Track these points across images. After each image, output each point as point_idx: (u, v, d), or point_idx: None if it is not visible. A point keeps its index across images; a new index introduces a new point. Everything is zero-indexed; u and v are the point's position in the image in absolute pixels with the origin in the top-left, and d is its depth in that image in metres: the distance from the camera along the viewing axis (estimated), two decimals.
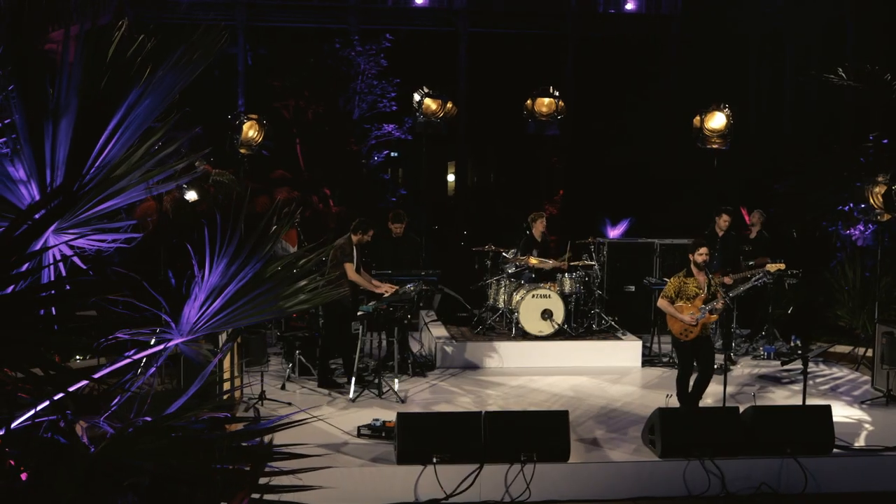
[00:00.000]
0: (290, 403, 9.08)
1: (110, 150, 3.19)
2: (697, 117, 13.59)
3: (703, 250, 8.60)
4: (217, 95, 18.15)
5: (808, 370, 11.22)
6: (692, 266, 8.69)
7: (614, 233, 18.46)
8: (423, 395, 9.70)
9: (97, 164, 3.19)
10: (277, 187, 17.24)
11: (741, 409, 7.97)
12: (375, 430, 8.06)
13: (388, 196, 18.50)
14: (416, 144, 18.43)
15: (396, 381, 9.68)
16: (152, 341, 3.81)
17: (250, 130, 12.58)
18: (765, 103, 19.85)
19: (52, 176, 3.14)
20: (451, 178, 22.68)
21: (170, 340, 3.84)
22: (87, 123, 3.09)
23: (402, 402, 9.30)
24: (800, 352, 12.06)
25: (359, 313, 9.48)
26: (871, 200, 11.98)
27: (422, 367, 10.73)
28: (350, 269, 9.72)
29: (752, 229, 12.99)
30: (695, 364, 8.74)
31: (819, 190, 15.47)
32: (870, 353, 11.58)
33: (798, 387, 10.20)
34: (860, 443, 8.17)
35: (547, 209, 18.78)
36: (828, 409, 7.85)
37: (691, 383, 8.76)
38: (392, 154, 18.32)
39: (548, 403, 9.42)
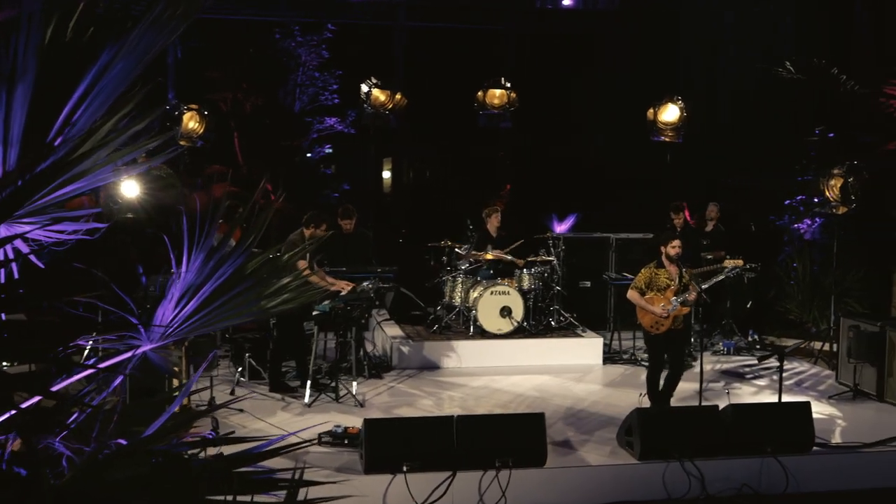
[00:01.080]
0: (241, 410, 8.52)
1: (75, 124, 2.68)
2: (651, 110, 13.41)
3: (676, 243, 8.33)
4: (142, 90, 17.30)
5: (769, 365, 11.14)
6: (663, 258, 8.42)
7: (561, 228, 18.21)
8: (382, 398, 9.24)
9: (59, 140, 2.68)
10: (214, 183, 16.54)
11: (720, 408, 7.70)
12: (338, 438, 7.58)
13: (329, 192, 17.93)
14: (359, 138, 17.95)
15: (354, 384, 9.18)
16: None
17: (191, 122, 11.95)
18: (710, 97, 19.82)
19: (4, 155, 2.62)
20: (388, 173, 22.19)
21: (138, 347, 3.36)
22: (48, 91, 2.58)
23: (361, 406, 8.82)
24: (758, 346, 11.96)
25: (314, 313, 8.97)
26: (827, 193, 11.91)
27: (378, 368, 10.26)
28: (303, 265, 9.20)
29: (709, 223, 12.84)
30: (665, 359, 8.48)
31: (768, 184, 15.50)
32: (826, 346, 11.54)
33: (763, 382, 10.09)
34: (836, 439, 7.98)
35: (494, 204, 18.50)
36: (807, 405, 7.64)
37: (662, 380, 8.50)
38: (327, 149, 17.69)
39: (513, 405, 9.05)
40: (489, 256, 11.37)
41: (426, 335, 11.04)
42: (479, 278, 11.42)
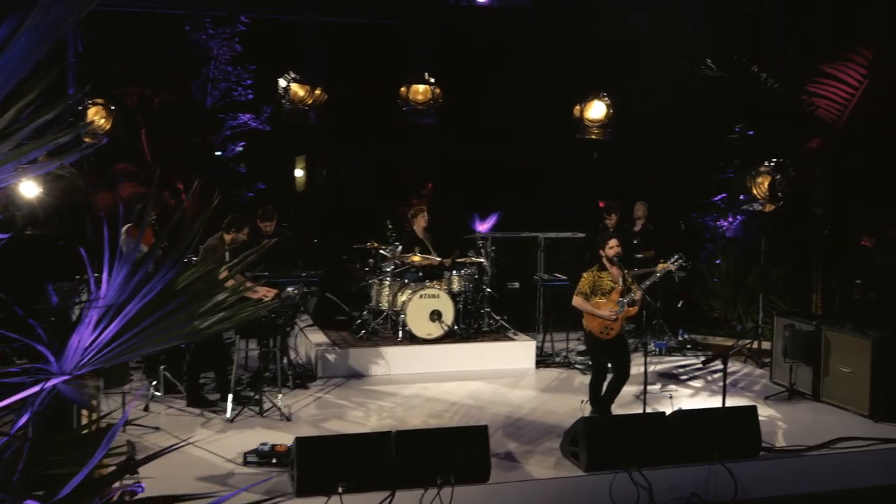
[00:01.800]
0: (157, 428, 7.88)
1: None
2: (577, 107, 13.20)
3: (613, 242, 8.05)
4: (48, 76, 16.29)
5: (698, 365, 11.00)
6: (604, 260, 8.14)
7: (483, 227, 17.92)
8: (309, 410, 8.71)
9: None
10: (121, 182, 15.68)
11: (667, 414, 7.44)
12: (264, 457, 7.03)
13: (244, 191, 17.21)
14: (275, 135, 17.29)
15: (280, 396, 8.62)
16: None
17: (96, 117, 11.17)
18: (630, 95, 19.80)
19: None
20: (301, 172, 21.51)
21: (48, 379, 2.84)
22: None
23: (288, 419, 8.28)
24: (689, 346, 11.84)
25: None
26: (755, 191, 11.86)
27: (303, 378, 9.72)
28: (223, 272, 8.60)
29: (637, 222, 12.69)
30: (609, 365, 8.20)
31: (691, 182, 15.48)
32: (755, 345, 11.49)
33: (698, 383, 9.92)
34: (780, 442, 7.81)
35: (415, 203, 18.06)
36: (753, 410, 7.44)
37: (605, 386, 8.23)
38: (240, 147, 16.94)
39: (448, 414, 8.64)
40: (416, 259, 10.94)
41: (352, 341, 10.54)
42: (406, 281, 10.98)
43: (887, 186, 13.14)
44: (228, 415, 8.26)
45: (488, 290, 11.23)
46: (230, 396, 8.37)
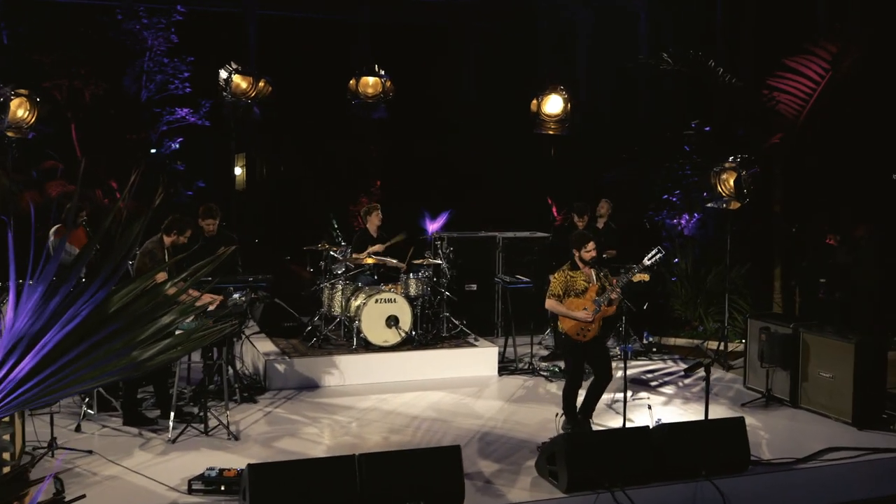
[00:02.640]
0: (90, 452, 7.10)
1: None
2: (534, 101, 12.66)
3: (591, 246, 7.53)
4: None
5: (672, 370, 10.56)
6: (577, 260, 7.60)
7: (433, 226, 17.29)
8: (259, 427, 8.00)
9: None
10: (49, 180, 14.72)
11: (650, 427, 6.93)
12: (211, 483, 6.33)
13: (182, 189, 16.34)
14: (214, 131, 16.47)
15: (227, 412, 7.89)
16: None
17: (20, 109, 10.29)
18: (583, 92, 19.36)
19: None
20: (239, 170, 20.61)
21: None
22: None
23: (236, 439, 7.57)
24: (655, 349, 11.40)
25: (177, 332, 7.62)
26: (719, 188, 11.45)
27: (250, 390, 8.99)
28: (162, 278, 7.85)
29: (599, 220, 12.20)
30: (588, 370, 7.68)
31: (647, 179, 15.08)
32: (719, 347, 11.10)
33: (670, 389, 9.47)
34: (765, 454, 7.35)
35: (363, 202, 17.36)
36: (741, 421, 6.96)
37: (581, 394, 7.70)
38: (177, 143, 16.05)
39: (410, 430, 8.00)
40: (370, 261, 10.29)
41: (303, 350, 9.84)
42: (360, 284, 10.32)
43: (847, 183, 12.91)
44: (170, 435, 7.51)
45: (447, 293, 10.62)
46: (171, 414, 7.63)
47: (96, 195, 14.32)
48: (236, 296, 8.11)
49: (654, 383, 9.80)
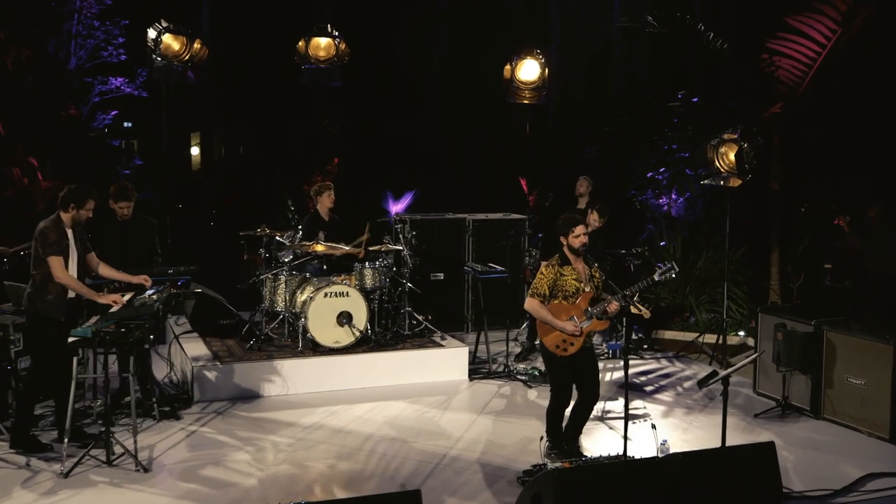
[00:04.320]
0: None
1: None
2: (507, 66, 11.25)
3: (580, 229, 6.14)
4: None
5: (667, 371, 9.25)
6: (566, 251, 6.21)
7: (397, 207, 15.88)
8: (178, 453, 6.54)
9: None
10: None
11: (659, 457, 5.58)
12: None
13: (118, 168, 14.75)
14: (153, 102, 14.89)
15: (135, 437, 6.40)
16: None
17: None
18: (558, 61, 17.89)
19: None
20: (195, 149, 18.96)
21: None
22: None
23: (146, 470, 6.12)
24: (646, 346, 10.08)
25: (70, 339, 6.16)
26: (717, 163, 10.12)
27: (173, 404, 7.52)
28: (57, 265, 6.37)
29: (581, 200, 10.84)
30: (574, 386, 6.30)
31: (630, 155, 13.72)
32: (713, 340, 9.84)
33: (668, 396, 8.17)
34: (792, 481, 6.03)
35: (318, 180, 15.86)
36: (770, 448, 5.62)
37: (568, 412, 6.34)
38: (111, 117, 14.43)
39: (363, 454, 6.58)
40: (320, 248, 8.84)
41: (240, 353, 8.37)
42: (307, 275, 8.89)
43: (857, 157, 11.65)
44: (64, 466, 6.04)
45: (409, 284, 9.19)
46: (66, 439, 6.17)
47: (14, 174, 12.71)
48: (147, 293, 6.63)
49: (648, 388, 8.47)
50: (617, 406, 7.72)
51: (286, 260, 8.82)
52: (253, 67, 15.58)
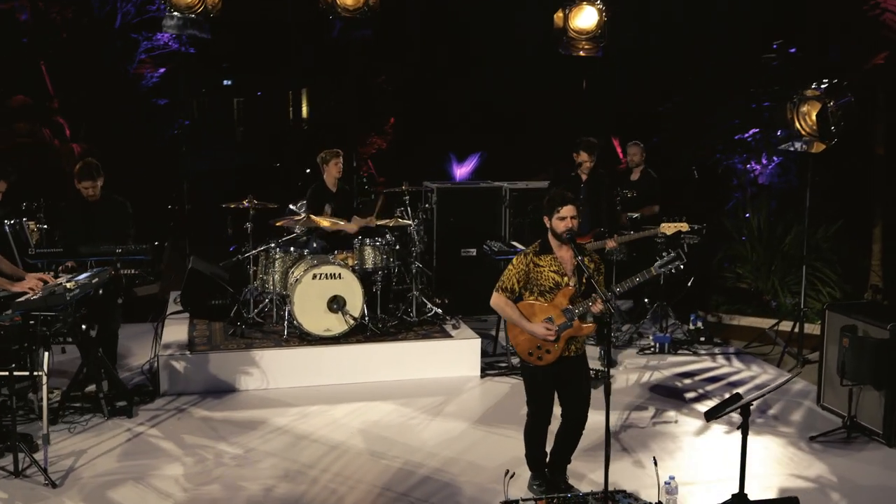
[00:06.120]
0: None
1: None
2: (559, 14, 9.90)
3: (568, 210, 4.86)
4: None
5: (717, 373, 7.86)
6: (549, 237, 4.97)
7: (462, 171, 14.72)
8: (105, 463, 5.67)
9: None
10: (18, 120, 12.67)
11: None
12: None
13: (166, 129, 14.10)
14: (203, 59, 14.23)
15: (47, 444, 5.55)
16: None
17: None
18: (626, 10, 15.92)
19: None
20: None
21: None
22: None
23: (54, 486, 5.27)
24: (703, 339, 8.61)
25: None
26: (798, 124, 8.53)
27: (133, 398, 6.67)
28: None
29: (635, 170, 9.44)
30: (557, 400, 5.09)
31: (713, 113, 12.05)
32: (789, 328, 8.36)
33: (709, 406, 6.71)
34: None
35: (374, 142, 14.85)
36: None
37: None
38: (158, 75, 13.75)
39: (313, 473, 5.54)
40: (324, 223, 7.81)
41: (221, 340, 7.47)
42: (307, 252, 7.89)
43: None
44: None
45: (418, 264, 8.06)
46: None
47: (44, 134, 12.21)
48: (81, 277, 5.75)
49: (689, 395, 7.10)
50: (642, 418, 6.46)
51: (298, 231, 7.83)
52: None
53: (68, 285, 5.51)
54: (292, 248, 7.81)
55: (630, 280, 5.00)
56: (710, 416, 4.55)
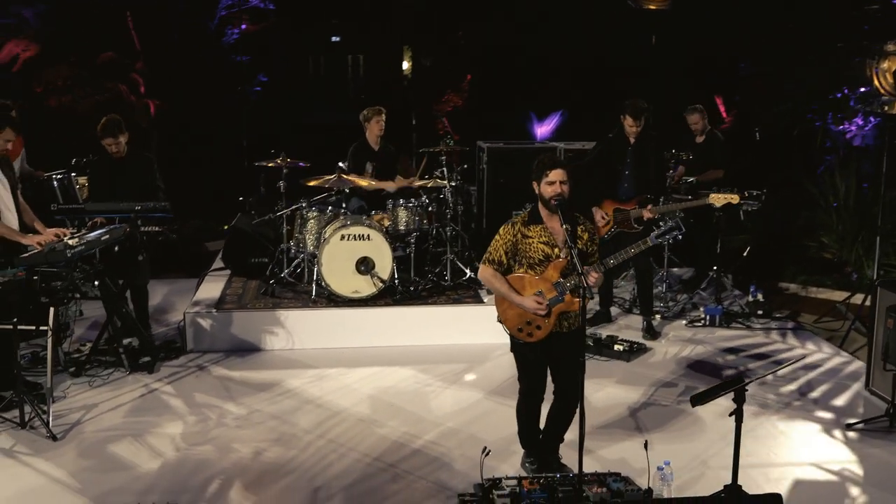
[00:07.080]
0: None
1: None
2: None
3: (557, 174, 4.55)
4: None
5: (763, 347, 7.36)
6: (539, 205, 4.67)
7: (542, 130, 14.33)
8: (112, 418, 5.74)
9: None
10: (106, 78, 12.99)
11: None
12: None
13: (244, 86, 14.21)
14: (282, 14, 14.19)
15: (51, 398, 5.66)
16: None
17: None
18: None
19: None
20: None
21: None
22: None
23: (54, 439, 5.36)
24: (760, 312, 8.08)
25: None
26: (877, 82, 7.86)
27: (159, 354, 6.75)
28: None
29: (698, 137, 8.89)
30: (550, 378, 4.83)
31: (801, 69, 11.23)
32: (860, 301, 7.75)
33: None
34: None
35: (450, 99, 14.57)
36: (777, 501, 3.90)
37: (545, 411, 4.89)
38: (237, 32, 13.79)
39: (308, 439, 5.44)
40: (363, 183, 7.68)
41: (250, 299, 7.47)
42: (342, 211, 7.78)
43: None
44: None
45: (454, 227, 7.83)
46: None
47: (121, 90, 12.46)
48: (91, 235, 5.80)
49: (727, 372, 6.65)
50: (667, 395, 6.11)
51: (344, 189, 7.73)
52: None
53: (71, 242, 5.55)
54: (329, 208, 7.71)
55: (624, 251, 4.66)
56: (696, 401, 4.19)
